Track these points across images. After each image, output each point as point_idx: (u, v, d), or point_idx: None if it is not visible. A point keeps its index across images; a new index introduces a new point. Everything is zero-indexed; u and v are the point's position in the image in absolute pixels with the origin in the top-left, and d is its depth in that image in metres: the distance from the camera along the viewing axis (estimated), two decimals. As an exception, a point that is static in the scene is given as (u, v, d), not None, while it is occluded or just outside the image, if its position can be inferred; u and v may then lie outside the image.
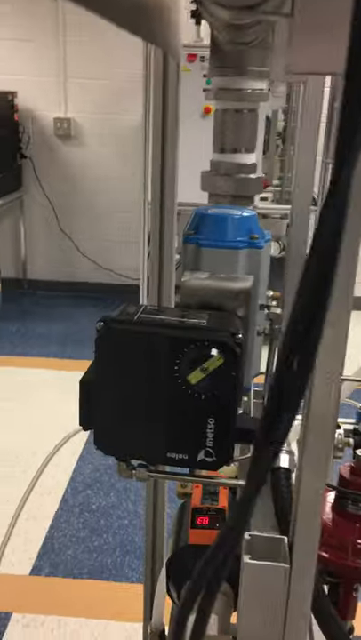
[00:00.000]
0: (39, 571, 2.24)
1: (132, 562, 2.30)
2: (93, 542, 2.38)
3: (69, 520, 2.49)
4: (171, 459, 0.72)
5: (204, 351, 0.68)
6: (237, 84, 0.94)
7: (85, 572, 2.25)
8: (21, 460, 2.84)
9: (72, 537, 2.41)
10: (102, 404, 0.73)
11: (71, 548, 2.35)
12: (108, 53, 4.35)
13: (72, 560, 2.29)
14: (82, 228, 4.81)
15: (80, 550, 2.34)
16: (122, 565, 2.28)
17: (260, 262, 0.84)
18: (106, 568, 2.27)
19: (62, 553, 2.33)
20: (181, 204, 1.10)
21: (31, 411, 3.28)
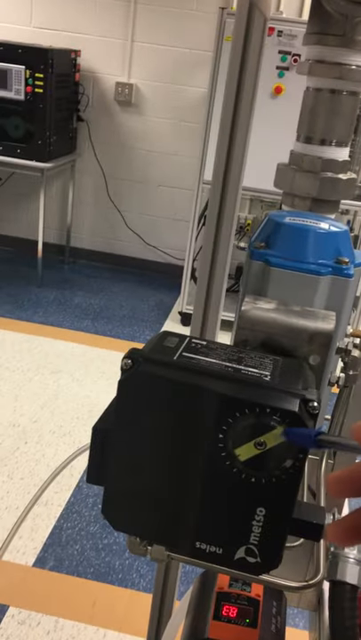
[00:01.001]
0: (43, 563, 2.11)
1: (140, 567, 2.16)
2: (103, 540, 2.24)
3: (81, 511, 2.35)
4: (199, 550, 0.54)
5: (262, 420, 0.50)
6: (341, 56, 0.73)
7: (91, 571, 2.11)
8: (41, 436, 2.72)
9: (81, 530, 2.28)
10: (117, 465, 0.55)
11: (79, 543, 2.22)
12: (179, 20, 4.10)
13: (78, 556, 2.16)
14: (131, 200, 4.62)
15: (88, 547, 2.21)
16: (130, 569, 2.14)
17: (346, 294, 0.64)
18: (113, 570, 2.13)
19: (69, 547, 2.20)
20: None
21: (58, 384, 3.15)
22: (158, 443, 0.53)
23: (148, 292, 4.54)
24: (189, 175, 4.25)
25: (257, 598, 0.68)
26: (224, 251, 1.04)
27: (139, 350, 0.54)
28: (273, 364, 0.56)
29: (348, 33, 0.72)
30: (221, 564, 0.55)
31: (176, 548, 0.57)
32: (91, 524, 2.32)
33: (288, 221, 0.65)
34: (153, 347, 0.56)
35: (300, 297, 0.62)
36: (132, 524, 0.57)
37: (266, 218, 0.67)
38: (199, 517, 0.53)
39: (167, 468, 0.53)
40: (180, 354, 0.55)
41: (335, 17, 0.72)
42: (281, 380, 0.53)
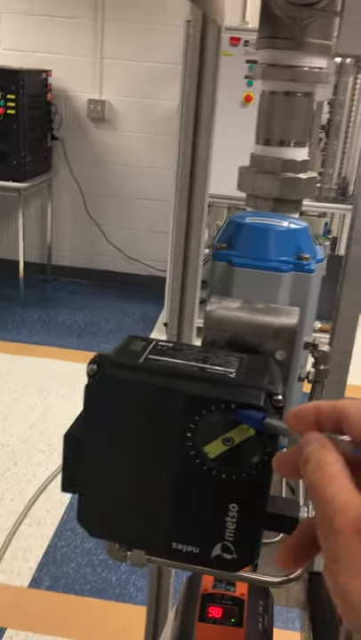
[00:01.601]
0: (38, 584, 2.09)
1: (137, 580, 2.14)
2: (98, 556, 2.23)
3: (74, 529, 2.33)
4: (176, 551, 0.54)
5: (229, 416, 0.50)
6: (292, 59, 0.75)
7: (88, 588, 2.09)
8: (31, 455, 2.70)
9: (76, 548, 2.26)
10: (89, 471, 0.55)
11: (74, 561, 2.20)
12: (147, 35, 4.14)
13: (74, 574, 2.14)
14: (110, 215, 4.64)
15: (84, 564, 2.19)
16: (126, 584, 2.12)
17: (308, 290, 0.65)
18: (109, 586, 2.11)
19: (64, 565, 2.18)
20: (213, 196, 0.92)
21: (46, 403, 3.13)
22: (128, 446, 0.53)
23: (132, 305, 4.54)
24: (166, 187, 4.27)
25: (241, 597, 0.68)
26: (195, 259, 1.05)
27: (104, 355, 0.54)
28: (239, 362, 0.56)
29: (298, 35, 0.74)
30: (199, 563, 0.55)
31: (154, 551, 0.58)
32: (85, 541, 2.30)
33: (249, 222, 0.66)
34: (119, 351, 0.56)
35: (264, 294, 0.63)
36: (109, 529, 0.57)
37: (227, 221, 0.68)
38: (174, 518, 0.54)
39: (139, 470, 0.53)
40: (147, 356, 0.55)
41: (284, 20, 0.73)
42: (246, 376, 0.54)
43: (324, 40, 0.74)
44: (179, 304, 1.11)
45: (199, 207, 1.02)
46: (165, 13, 4.07)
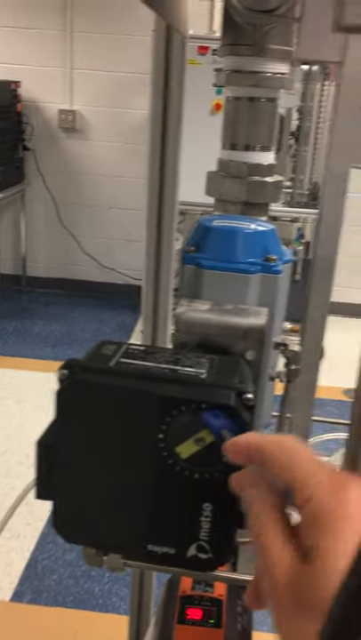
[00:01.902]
0: (20, 597, 2.07)
1: (120, 590, 2.13)
2: (81, 567, 2.21)
3: (56, 541, 2.31)
4: (152, 553, 0.55)
5: (199, 416, 0.51)
6: (254, 65, 0.76)
7: (70, 600, 2.07)
8: (9, 467, 2.67)
9: (58, 559, 2.24)
10: (63, 477, 0.55)
11: (56, 573, 2.18)
12: (117, 45, 4.16)
13: (56, 586, 2.12)
14: (83, 225, 4.63)
15: (66, 575, 2.17)
16: (109, 594, 2.11)
17: (276, 290, 0.66)
18: (92, 596, 2.09)
19: (46, 578, 2.16)
20: (186, 204, 0.92)
21: (23, 415, 3.11)
22: (101, 450, 0.53)
23: (109, 314, 4.53)
24: (139, 195, 4.28)
25: (220, 598, 0.68)
26: (166, 266, 1.06)
27: (75, 360, 0.55)
28: (209, 363, 0.57)
29: (260, 42, 0.75)
30: (175, 564, 0.55)
31: (130, 554, 0.58)
32: (67, 553, 2.28)
33: (216, 224, 0.67)
34: (90, 355, 0.57)
35: (233, 296, 0.64)
36: (85, 534, 0.57)
37: (196, 224, 0.69)
38: (148, 520, 0.54)
39: (112, 473, 0.54)
40: (118, 360, 0.56)
41: (245, 27, 0.75)
42: (217, 376, 0.54)
43: (285, 46, 0.75)
44: (152, 311, 1.12)
45: (169, 215, 1.03)
46: (134, 23, 4.09)
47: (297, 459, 0.36)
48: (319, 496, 0.32)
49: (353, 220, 4.06)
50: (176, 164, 0.99)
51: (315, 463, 0.35)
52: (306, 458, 0.36)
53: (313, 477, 0.34)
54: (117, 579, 2.17)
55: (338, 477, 0.33)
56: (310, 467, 0.35)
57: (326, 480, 0.33)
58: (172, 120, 0.95)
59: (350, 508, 0.31)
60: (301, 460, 0.36)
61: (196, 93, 3.26)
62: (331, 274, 0.85)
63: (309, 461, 0.35)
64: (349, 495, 0.31)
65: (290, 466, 0.36)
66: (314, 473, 0.34)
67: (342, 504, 0.31)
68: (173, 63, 0.88)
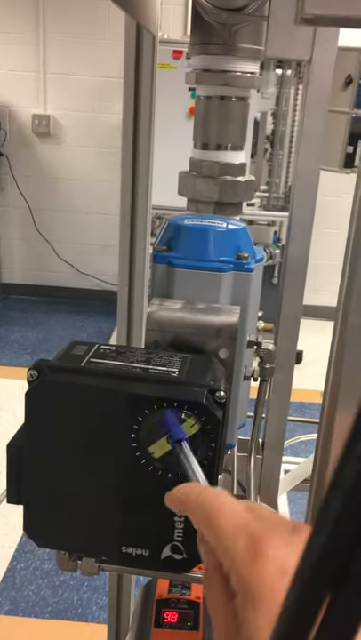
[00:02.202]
0: (-3, 609, 2.03)
1: (99, 599, 2.10)
2: (59, 576, 2.18)
3: (34, 550, 2.28)
4: (126, 555, 0.54)
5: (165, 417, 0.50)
6: (224, 64, 0.76)
7: (49, 610, 2.04)
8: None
9: (36, 570, 2.21)
10: (34, 480, 0.54)
11: (34, 583, 2.15)
12: (91, 49, 4.15)
13: (34, 597, 2.09)
14: (60, 230, 4.60)
15: (44, 585, 2.14)
16: (89, 603, 2.08)
17: (249, 289, 0.65)
18: (71, 606, 2.07)
19: (24, 588, 2.12)
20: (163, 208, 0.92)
21: (1, 423, 3.07)
22: (72, 451, 0.53)
23: (86, 320, 4.50)
24: (115, 200, 4.27)
25: (197, 600, 0.67)
26: (140, 269, 1.05)
27: (44, 360, 0.54)
28: (182, 361, 0.56)
29: (229, 41, 0.75)
30: (150, 565, 0.54)
31: (104, 557, 0.57)
32: (45, 562, 2.25)
33: (187, 223, 0.67)
34: (60, 356, 0.56)
35: (205, 295, 0.64)
36: (57, 538, 0.56)
37: (166, 223, 0.69)
38: (122, 521, 0.53)
39: (84, 475, 0.53)
40: (88, 360, 0.55)
41: (215, 27, 0.75)
42: (189, 374, 0.54)
43: (255, 45, 0.76)
44: (127, 315, 1.11)
45: (143, 218, 1.03)
46: (108, 27, 4.09)
47: (216, 521, 0.34)
48: (237, 568, 0.30)
49: (327, 223, 4.10)
50: (149, 168, 0.99)
51: (235, 524, 0.33)
52: (227, 518, 0.33)
53: (231, 544, 0.32)
54: (97, 587, 2.15)
55: (255, 544, 0.31)
56: (229, 530, 0.32)
57: (243, 547, 0.31)
58: (144, 118, 0.95)
59: (266, 580, 0.29)
60: (221, 521, 0.33)
61: (171, 97, 3.28)
62: (303, 273, 0.85)
63: (230, 522, 0.33)
64: (266, 567, 0.29)
65: (211, 529, 0.34)
66: (233, 538, 0.32)
67: (259, 578, 0.29)
68: (144, 62, 0.87)
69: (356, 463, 0.15)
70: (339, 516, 0.15)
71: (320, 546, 0.16)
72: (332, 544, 0.16)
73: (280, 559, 0.29)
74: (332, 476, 0.15)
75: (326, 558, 0.16)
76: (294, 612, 0.18)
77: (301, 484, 1.16)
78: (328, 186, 2.65)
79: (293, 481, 1.01)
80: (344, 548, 0.16)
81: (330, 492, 0.15)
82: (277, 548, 0.30)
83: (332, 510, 0.15)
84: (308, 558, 0.17)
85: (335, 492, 0.15)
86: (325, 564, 0.16)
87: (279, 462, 0.87)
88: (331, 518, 0.15)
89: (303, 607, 0.18)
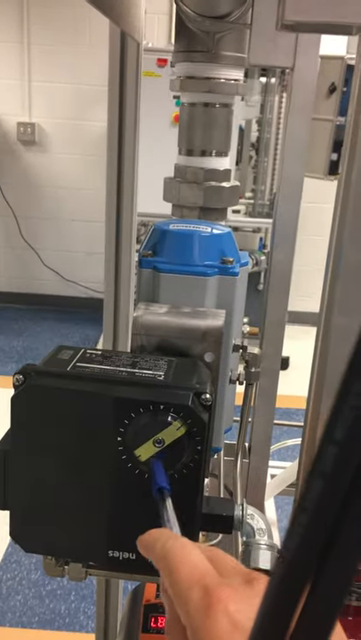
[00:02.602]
0: (-17, 619, 2.01)
1: (87, 608, 2.09)
2: (46, 586, 2.16)
3: (20, 560, 2.26)
4: (113, 559, 0.54)
5: (158, 417, 0.50)
6: (208, 71, 0.77)
7: (36, 620, 2.03)
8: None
9: (22, 580, 2.19)
10: (20, 484, 0.54)
11: (21, 593, 2.13)
12: (75, 57, 4.16)
13: (21, 607, 2.07)
14: (45, 238, 4.59)
15: (31, 595, 2.12)
16: (76, 612, 2.07)
17: (234, 292, 0.66)
18: (59, 616, 2.05)
19: (11, 598, 2.10)
20: (148, 215, 0.92)
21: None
22: (59, 456, 0.53)
23: (72, 327, 4.49)
24: (101, 208, 4.27)
25: (184, 605, 0.67)
26: (126, 276, 1.06)
27: (30, 365, 0.54)
28: (167, 365, 0.57)
29: (213, 48, 0.76)
30: (137, 569, 0.54)
31: (91, 562, 0.57)
32: (32, 572, 2.23)
33: (172, 228, 0.67)
34: (46, 360, 0.56)
35: (191, 299, 0.64)
36: (44, 543, 0.56)
37: (151, 228, 0.69)
38: (108, 525, 0.53)
39: (71, 479, 0.53)
40: (74, 364, 0.55)
41: (199, 34, 0.75)
42: (174, 378, 0.54)
43: (239, 52, 0.76)
44: (113, 322, 1.11)
45: (128, 225, 1.03)
46: (91, 36, 4.11)
47: (175, 573, 0.33)
48: (191, 621, 0.30)
49: (310, 229, 4.13)
50: (134, 175, 0.99)
51: (193, 576, 0.32)
52: (186, 570, 0.33)
53: (186, 596, 0.31)
54: (84, 597, 2.13)
55: (208, 597, 0.30)
56: (186, 582, 0.32)
57: (197, 599, 0.31)
58: (129, 125, 0.96)
59: (216, 636, 0.29)
60: (180, 573, 0.33)
61: (155, 105, 3.30)
62: (288, 278, 0.85)
63: (188, 574, 0.33)
64: (217, 622, 0.29)
65: (169, 581, 0.34)
66: (188, 590, 0.32)
67: (210, 632, 0.29)
68: (129, 69, 0.88)
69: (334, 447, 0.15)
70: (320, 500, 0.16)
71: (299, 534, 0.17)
72: (312, 530, 0.16)
73: (231, 614, 0.29)
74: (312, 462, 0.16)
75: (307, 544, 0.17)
76: (276, 599, 0.19)
77: (289, 489, 1.16)
78: (311, 193, 2.67)
79: (280, 485, 1.02)
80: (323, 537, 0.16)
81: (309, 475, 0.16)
82: (230, 602, 0.30)
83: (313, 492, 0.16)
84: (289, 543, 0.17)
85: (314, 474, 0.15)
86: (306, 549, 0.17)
87: (266, 466, 0.87)
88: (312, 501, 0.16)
89: (283, 598, 0.18)
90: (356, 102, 0.39)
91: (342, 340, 0.47)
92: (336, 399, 0.15)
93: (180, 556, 0.35)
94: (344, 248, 0.41)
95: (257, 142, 3.89)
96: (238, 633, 0.28)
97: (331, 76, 2.91)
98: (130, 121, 0.94)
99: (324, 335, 0.51)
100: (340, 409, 0.15)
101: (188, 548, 0.36)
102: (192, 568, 0.33)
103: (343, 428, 0.15)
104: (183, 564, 0.34)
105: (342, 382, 0.15)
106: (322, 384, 0.52)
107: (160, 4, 3.87)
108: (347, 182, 0.41)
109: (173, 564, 0.34)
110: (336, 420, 0.15)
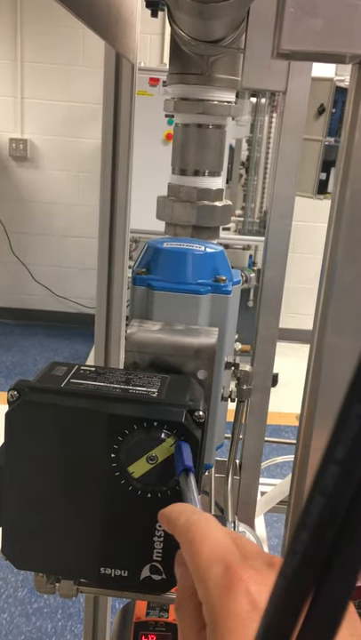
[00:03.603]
0: (-31, 639, 1.98)
1: (74, 626, 2.07)
2: (33, 604, 2.14)
3: (6, 578, 2.24)
4: (105, 577, 0.54)
5: (151, 434, 0.51)
6: (202, 93, 0.78)
7: (22, 639, 2.00)
8: None
9: (9, 597, 2.16)
10: (13, 500, 0.54)
11: (7, 611, 2.10)
12: (68, 76, 4.20)
13: (7, 625, 2.04)
14: (36, 254, 4.59)
15: (17, 613, 2.09)
16: (63, 631, 2.04)
17: (226, 310, 0.67)
18: (45, 634, 2.02)
19: (-3, 617, 2.08)
20: (139, 232, 0.93)
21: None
22: (52, 471, 0.53)
23: (62, 343, 4.48)
24: (93, 224, 4.29)
25: (175, 623, 0.67)
26: (118, 293, 1.06)
27: (25, 381, 0.54)
28: (161, 382, 0.57)
29: (207, 71, 0.77)
30: (129, 587, 0.54)
31: (82, 578, 0.57)
32: (18, 590, 2.20)
33: (166, 246, 0.68)
34: (40, 377, 0.56)
35: (184, 316, 0.65)
36: (36, 560, 0.55)
37: (145, 246, 0.70)
38: (101, 542, 0.53)
39: (64, 495, 0.53)
40: (68, 381, 0.55)
41: (193, 57, 0.77)
42: (168, 394, 0.55)
43: (232, 75, 0.78)
44: (104, 338, 1.12)
45: (121, 242, 1.04)
46: (84, 55, 4.15)
47: (198, 546, 0.33)
48: (209, 597, 0.30)
49: (299, 248, 4.16)
50: (127, 192, 1.00)
51: (215, 552, 0.32)
52: (209, 545, 0.33)
53: (207, 572, 0.31)
54: (71, 615, 2.11)
55: (229, 574, 0.30)
56: (208, 557, 0.32)
57: (218, 576, 0.30)
58: (123, 144, 0.97)
59: (236, 615, 0.28)
60: (202, 547, 0.33)
61: (147, 124, 3.32)
62: (279, 296, 0.87)
63: (210, 550, 0.33)
64: (236, 600, 0.29)
65: (191, 554, 0.33)
66: (209, 565, 0.31)
67: (229, 611, 0.29)
68: (123, 90, 0.89)
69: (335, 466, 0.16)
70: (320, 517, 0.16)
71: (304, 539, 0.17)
72: (313, 547, 0.17)
73: (252, 594, 0.29)
74: (313, 478, 0.16)
75: (307, 561, 0.17)
76: (282, 602, 0.19)
77: (278, 506, 1.16)
78: (299, 211, 2.70)
79: (270, 502, 1.02)
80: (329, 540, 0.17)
81: (311, 492, 0.16)
82: (251, 583, 0.30)
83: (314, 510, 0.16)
84: (290, 560, 0.18)
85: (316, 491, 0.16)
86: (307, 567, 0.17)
87: (256, 483, 0.87)
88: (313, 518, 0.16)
89: (290, 598, 0.19)
90: (350, 124, 0.41)
91: (335, 359, 0.48)
92: (337, 418, 0.16)
93: (205, 531, 0.34)
94: (337, 267, 0.42)
95: (247, 161, 3.93)
96: (257, 614, 0.27)
97: (320, 97, 2.96)
98: (124, 140, 0.96)
99: (316, 353, 0.51)
100: (342, 428, 0.16)
101: (214, 524, 0.35)
102: (216, 544, 0.33)
103: (344, 447, 0.16)
104: (207, 539, 0.33)
105: (344, 402, 0.16)
106: (315, 402, 0.52)
107: (152, 25, 3.92)
108: (340, 202, 0.42)
109: (198, 537, 0.34)
110: (337, 438, 0.16)
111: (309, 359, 0.54)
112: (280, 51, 0.34)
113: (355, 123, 0.39)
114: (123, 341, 1.14)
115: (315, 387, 0.54)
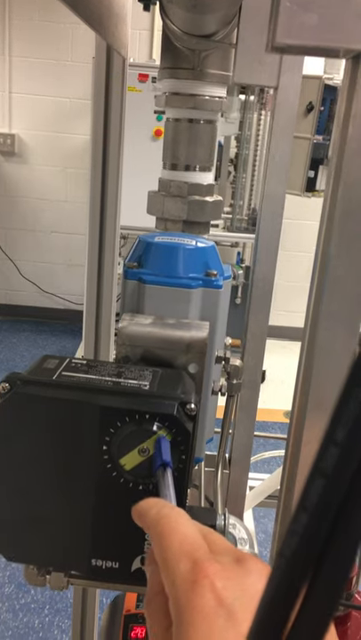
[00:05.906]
0: None
1: (61, 621, 2.07)
2: (20, 600, 2.13)
3: (-7, 574, 2.23)
4: (96, 568, 0.54)
5: (143, 427, 0.51)
6: (193, 88, 0.78)
7: (9, 634, 1.99)
8: None
9: (-5, 594, 2.16)
10: (3, 492, 0.54)
11: (-6, 608, 2.10)
12: (56, 71, 4.18)
13: (-6, 621, 2.04)
14: (24, 249, 4.57)
15: (4, 610, 2.09)
16: (50, 626, 2.04)
17: (217, 305, 0.67)
18: (32, 630, 2.02)
19: (-17, 613, 2.07)
20: (127, 228, 0.93)
21: None
22: (43, 464, 0.53)
23: (49, 339, 4.47)
24: (81, 220, 4.28)
25: (165, 615, 0.67)
26: (108, 289, 1.06)
27: (16, 373, 0.54)
28: (152, 375, 0.57)
29: (198, 66, 0.78)
30: (120, 578, 0.54)
31: (73, 570, 0.57)
32: (5, 586, 2.20)
33: (158, 241, 0.68)
34: (32, 369, 0.56)
35: (175, 310, 0.65)
36: (26, 552, 0.55)
37: (137, 240, 0.70)
38: (92, 533, 0.53)
39: (55, 488, 0.53)
40: (60, 373, 0.55)
41: (185, 52, 0.77)
42: (160, 387, 0.55)
43: (223, 71, 0.78)
44: (94, 335, 1.12)
45: (111, 238, 1.04)
46: (73, 50, 4.13)
47: (167, 540, 0.33)
48: (175, 593, 0.30)
49: (286, 245, 4.17)
50: (118, 188, 1.00)
51: (183, 547, 0.32)
52: (177, 540, 0.33)
53: (174, 568, 0.31)
54: (58, 610, 2.11)
55: (196, 570, 0.30)
56: (175, 553, 0.32)
57: (185, 571, 0.30)
58: (114, 139, 0.97)
59: (201, 611, 0.28)
60: (171, 542, 0.33)
61: (137, 120, 3.32)
62: (269, 292, 0.87)
63: (178, 544, 0.32)
64: (202, 597, 0.28)
65: (159, 549, 0.33)
66: (177, 560, 0.31)
67: (195, 607, 0.28)
68: (114, 84, 0.89)
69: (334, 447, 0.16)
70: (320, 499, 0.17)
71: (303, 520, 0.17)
72: (312, 529, 0.17)
73: (217, 590, 0.29)
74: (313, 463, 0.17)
75: (306, 543, 0.18)
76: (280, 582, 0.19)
77: (266, 501, 1.17)
78: (288, 209, 2.71)
79: (259, 496, 1.02)
80: (328, 521, 0.17)
81: (311, 474, 0.17)
82: (217, 578, 0.29)
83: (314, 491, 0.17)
84: (289, 541, 0.18)
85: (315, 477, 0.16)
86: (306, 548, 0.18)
87: (246, 477, 0.88)
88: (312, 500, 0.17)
89: (281, 594, 0.19)
90: (343, 118, 0.41)
91: (327, 355, 0.48)
92: (338, 401, 0.16)
93: (175, 525, 0.34)
94: (330, 264, 0.43)
95: (235, 158, 3.94)
96: (223, 610, 0.28)
97: (308, 95, 2.97)
98: (114, 135, 0.96)
99: (308, 349, 0.52)
100: (342, 410, 0.16)
101: (184, 519, 0.35)
102: (184, 539, 0.33)
103: (344, 428, 0.16)
104: (176, 533, 0.33)
105: (345, 385, 0.16)
106: (306, 397, 0.53)
107: (142, 21, 3.91)
108: (333, 196, 0.43)
109: (166, 531, 0.34)
110: (338, 420, 0.16)
111: (301, 355, 0.54)
112: (275, 44, 0.34)
113: (348, 117, 0.40)
114: (113, 337, 1.14)
115: (306, 382, 0.55)
